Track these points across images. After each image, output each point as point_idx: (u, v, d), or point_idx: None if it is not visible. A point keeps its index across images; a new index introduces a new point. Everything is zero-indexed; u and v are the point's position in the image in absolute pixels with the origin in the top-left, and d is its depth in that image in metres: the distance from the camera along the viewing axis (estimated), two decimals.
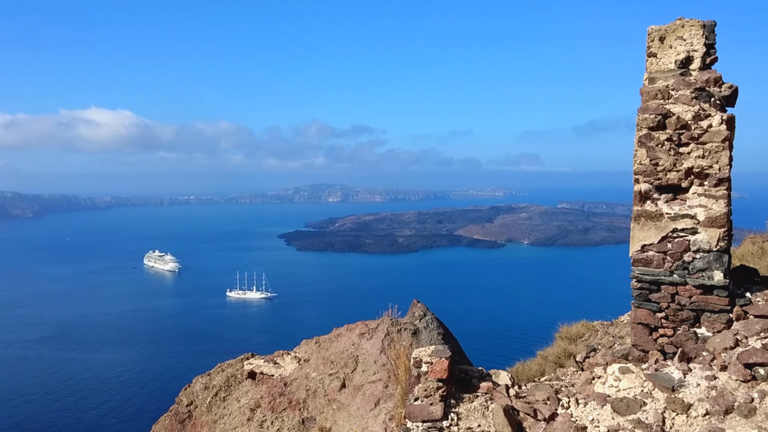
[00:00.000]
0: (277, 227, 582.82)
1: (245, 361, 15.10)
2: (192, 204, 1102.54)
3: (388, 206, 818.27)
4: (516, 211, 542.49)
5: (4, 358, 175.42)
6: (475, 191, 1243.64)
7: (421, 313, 12.25)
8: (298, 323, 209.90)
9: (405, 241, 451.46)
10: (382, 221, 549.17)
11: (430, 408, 8.57)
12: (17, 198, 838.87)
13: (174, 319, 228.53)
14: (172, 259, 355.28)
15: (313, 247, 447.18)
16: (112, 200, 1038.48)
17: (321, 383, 12.21)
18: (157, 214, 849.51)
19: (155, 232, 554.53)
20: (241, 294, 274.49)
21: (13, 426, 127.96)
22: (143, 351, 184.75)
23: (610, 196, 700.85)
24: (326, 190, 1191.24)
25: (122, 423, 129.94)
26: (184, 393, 15.73)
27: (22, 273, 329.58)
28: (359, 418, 10.34)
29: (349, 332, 13.20)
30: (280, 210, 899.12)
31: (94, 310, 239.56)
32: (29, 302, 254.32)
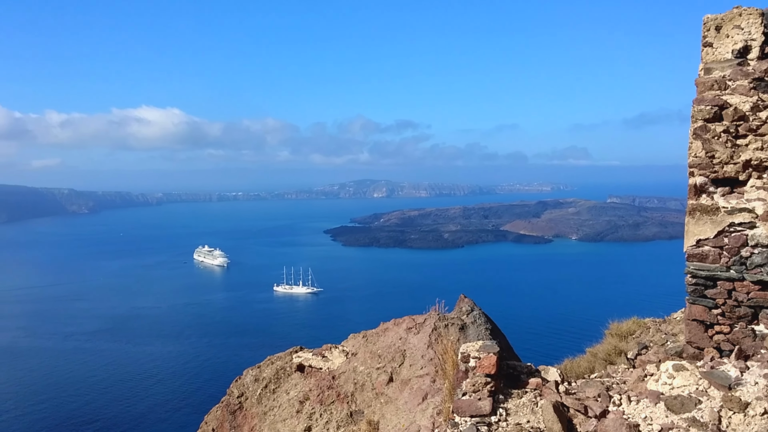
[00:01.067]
0: (323, 223, 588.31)
1: (294, 354, 15.34)
2: (240, 200, 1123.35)
3: (433, 201, 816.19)
4: (564, 206, 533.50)
5: (62, 350, 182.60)
6: (522, 186, 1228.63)
7: (469, 308, 12.21)
8: (344, 318, 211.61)
9: (450, 237, 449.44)
10: (427, 216, 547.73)
11: (479, 403, 8.56)
12: (73, 195, 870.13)
13: (223, 312, 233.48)
14: (221, 254, 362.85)
15: (359, 243, 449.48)
16: (163, 196, 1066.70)
17: (368, 377, 12.32)
18: (207, 210, 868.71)
19: (205, 227, 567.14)
20: (288, 289, 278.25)
21: (70, 416, 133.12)
22: (193, 344, 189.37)
23: (661, 191, 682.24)
24: (371, 186, 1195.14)
25: (174, 414, 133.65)
26: (235, 385, 16.10)
27: (79, 267, 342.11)
28: (407, 412, 10.40)
29: (396, 327, 13.26)
30: (325, 205, 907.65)
31: (146, 303, 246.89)
32: (85, 296, 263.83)
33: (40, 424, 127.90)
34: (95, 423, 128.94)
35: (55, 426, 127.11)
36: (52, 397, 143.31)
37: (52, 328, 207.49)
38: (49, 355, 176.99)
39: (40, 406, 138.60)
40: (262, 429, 13.98)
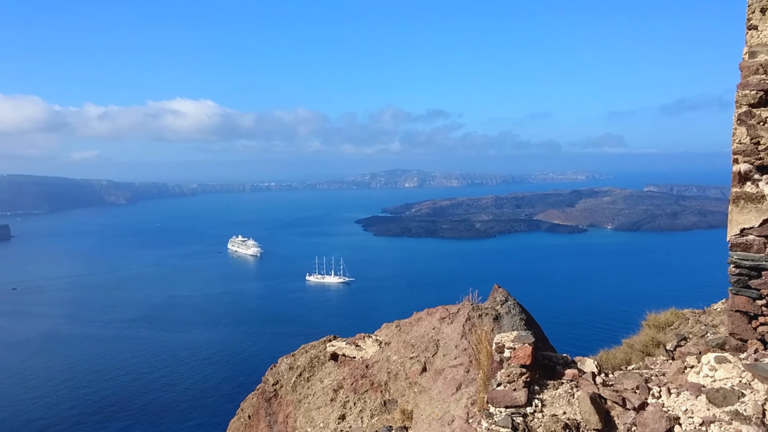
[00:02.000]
0: (355, 213, 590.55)
1: (328, 343, 15.44)
2: (273, 190, 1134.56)
3: (464, 191, 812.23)
4: (599, 194, 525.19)
5: (102, 337, 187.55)
6: (556, 175, 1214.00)
7: (503, 299, 12.10)
8: (376, 308, 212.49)
9: (482, 226, 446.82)
10: (458, 206, 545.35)
11: (514, 394, 8.49)
12: (112, 186, 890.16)
13: (256, 301, 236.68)
14: (255, 244, 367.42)
15: (390, 233, 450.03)
16: (198, 187, 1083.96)
17: (402, 366, 12.32)
18: (240, 201, 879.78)
19: (238, 217, 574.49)
20: (320, 278, 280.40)
21: (109, 401, 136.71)
22: (228, 332, 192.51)
23: (701, 179, 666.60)
24: (402, 176, 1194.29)
25: (210, 400, 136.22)
26: (270, 373, 16.28)
27: (118, 257, 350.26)
28: (441, 401, 10.38)
29: (429, 316, 13.22)
30: (357, 195, 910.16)
31: (182, 292, 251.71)
32: (124, 284, 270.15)
33: (80, 409, 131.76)
34: (132, 408, 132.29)
35: (95, 411, 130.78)
36: (92, 383, 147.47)
37: (92, 316, 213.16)
38: (89, 342, 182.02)
39: (80, 391, 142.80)
40: (296, 416, 14.13)
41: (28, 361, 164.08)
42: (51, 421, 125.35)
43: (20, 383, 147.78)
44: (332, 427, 12.64)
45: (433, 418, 10.06)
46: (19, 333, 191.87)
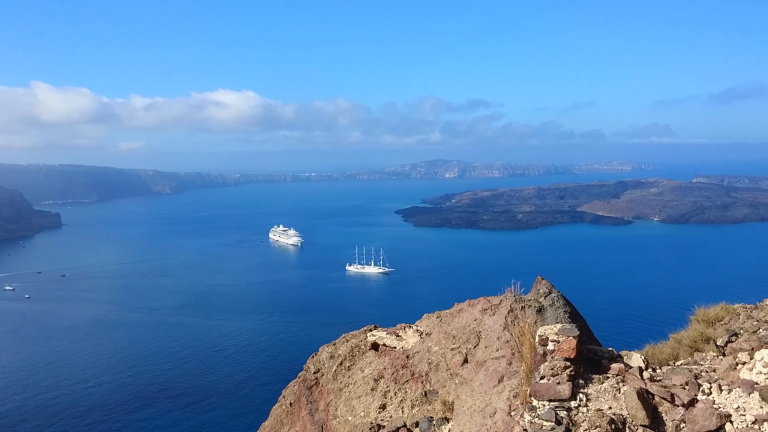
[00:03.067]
0: (395, 203, 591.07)
1: (368, 333, 15.48)
2: (313, 180, 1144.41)
3: (506, 182, 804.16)
4: (645, 186, 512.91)
5: (148, 324, 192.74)
6: (600, 165, 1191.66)
7: (546, 291, 11.90)
8: (416, 298, 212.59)
9: (524, 218, 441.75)
10: (500, 197, 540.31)
11: (557, 387, 8.35)
12: (157, 176, 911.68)
13: (297, 290, 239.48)
14: (295, 233, 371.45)
15: (430, 223, 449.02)
16: (240, 177, 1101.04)
17: (443, 357, 12.27)
18: (281, 191, 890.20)
19: (279, 207, 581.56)
20: (360, 268, 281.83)
21: (153, 386, 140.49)
22: (269, 320, 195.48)
23: (753, 170, 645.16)
24: (443, 166, 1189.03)
25: (250, 387, 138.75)
26: (311, 361, 16.44)
27: (163, 245, 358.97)
28: (482, 393, 10.29)
29: (470, 308, 13.11)
30: (397, 186, 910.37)
31: (225, 280, 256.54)
32: (169, 272, 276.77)
33: (124, 391, 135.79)
34: (175, 393, 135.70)
35: (139, 394, 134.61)
36: (138, 368, 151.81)
37: (138, 302, 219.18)
38: (135, 328, 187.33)
39: (127, 375, 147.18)
40: (337, 405, 14.24)
41: (78, 346, 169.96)
42: (96, 402, 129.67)
43: (69, 366, 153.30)
44: (373, 416, 12.68)
45: (475, 410, 9.99)
46: (69, 318, 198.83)
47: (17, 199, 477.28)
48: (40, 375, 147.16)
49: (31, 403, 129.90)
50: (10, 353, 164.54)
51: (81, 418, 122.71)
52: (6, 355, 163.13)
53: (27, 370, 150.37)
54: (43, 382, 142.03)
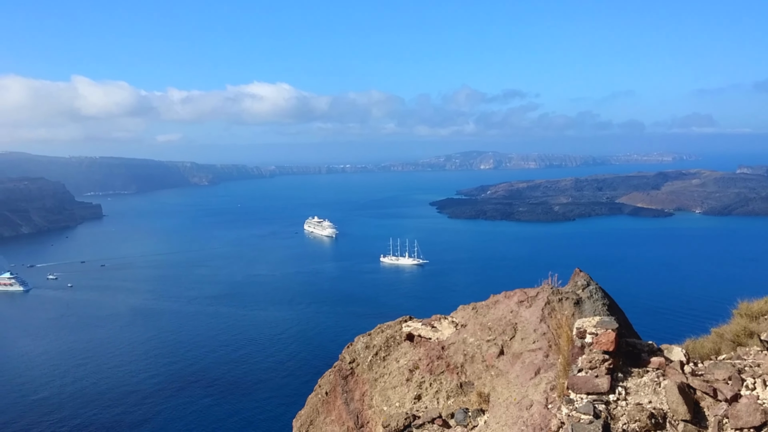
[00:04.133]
0: (429, 195, 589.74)
1: (403, 324, 15.52)
2: (347, 172, 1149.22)
3: (542, 173, 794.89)
4: (687, 177, 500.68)
5: (186, 313, 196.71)
6: (640, 156, 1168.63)
7: (584, 283, 11.73)
8: (450, 290, 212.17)
9: (561, 209, 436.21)
10: (536, 188, 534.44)
11: (596, 380, 8.24)
12: (195, 168, 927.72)
13: (332, 282, 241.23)
14: (330, 225, 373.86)
15: (465, 215, 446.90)
16: (275, 169, 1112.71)
17: (479, 349, 12.22)
18: (316, 182, 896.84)
19: (314, 199, 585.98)
20: (394, 260, 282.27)
21: (191, 375, 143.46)
22: (304, 310, 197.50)
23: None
24: (478, 157, 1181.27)
25: (284, 376, 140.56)
26: (346, 351, 16.57)
27: (201, 236, 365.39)
28: (518, 386, 10.23)
29: (507, 299, 13.02)
30: (431, 178, 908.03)
31: (261, 271, 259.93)
32: (207, 262, 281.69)
33: (162, 379, 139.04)
34: (212, 381, 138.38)
35: (178, 382, 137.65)
36: (176, 356, 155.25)
37: (177, 292, 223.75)
38: (175, 317, 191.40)
39: (165, 362, 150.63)
40: (373, 395, 14.33)
41: (118, 334, 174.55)
42: (143, 392, 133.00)
43: (110, 354, 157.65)
44: (408, 406, 12.72)
45: (511, 402, 9.94)
46: (110, 307, 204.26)
47: (60, 191, 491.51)
48: (83, 361, 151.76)
49: (73, 388, 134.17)
50: (55, 340, 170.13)
51: (120, 403, 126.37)
52: (50, 342, 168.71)
53: (70, 357, 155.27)
54: (84, 369, 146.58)
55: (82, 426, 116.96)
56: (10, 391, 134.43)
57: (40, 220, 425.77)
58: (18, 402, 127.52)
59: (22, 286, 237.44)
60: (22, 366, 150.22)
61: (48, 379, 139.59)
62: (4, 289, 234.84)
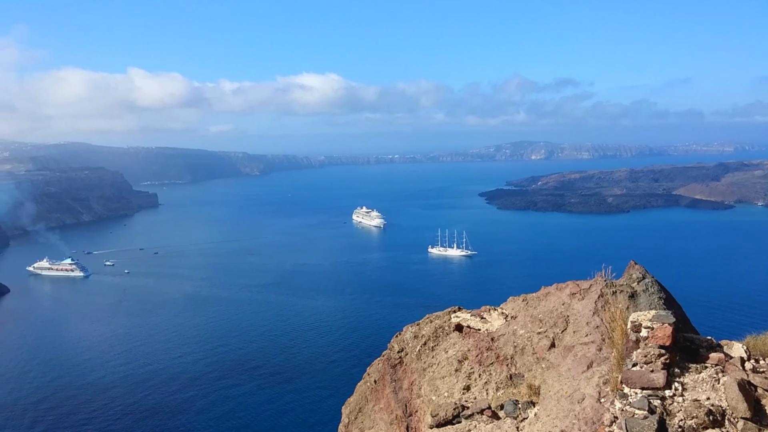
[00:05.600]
0: (478, 185, 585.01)
1: (452, 314, 15.48)
2: (396, 162, 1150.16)
3: (595, 163, 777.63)
4: (749, 168, 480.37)
5: (238, 300, 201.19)
6: (699, 146, 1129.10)
7: (640, 276, 11.44)
8: (499, 281, 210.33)
9: (614, 201, 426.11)
10: (588, 179, 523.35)
11: (651, 375, 8.06)
12: (246, 158, 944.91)
13: (380, 272, 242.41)
14: (378, 215, 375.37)
15: (514, 206, 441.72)
16: (325, 159, 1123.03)
17: (529, 341, 12.10)
18: (365, 173, 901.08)
19: (363, 189, 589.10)
20: (443, 251, 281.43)
21: (241, 360, 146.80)
22: (352, 300, 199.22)
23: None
24: (529, 148, 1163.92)
25: (333, 364, 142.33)
26: (395, 340, 16.66)
27: (252, 225, 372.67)
28: (570, 379, 10.09)
29: (558, 291, 12.83)
30: (480, 168, 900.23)
31: (310, 260, 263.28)
32: (258, 251, 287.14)
33: (214, 364, 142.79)
34: (262, 368, 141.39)
35: (228, 367, 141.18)
36: (227, 342, 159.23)
37: (229, 279, 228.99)
38: (226, 304, 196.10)
39: (217, 348, 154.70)
40: (421, 384, 14.38)
41: (173, 320, 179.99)
42: (192, 375, 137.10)
43: (164, 338, 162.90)
44: (457, 396, 12.72)
45: (562, 395, 9.82)
46: (165, 293, 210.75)
47: (119, 180, 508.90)
48: (138, 345, 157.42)
49: (132, 372, 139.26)
50: (112, 324, 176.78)
51: (174, 386, 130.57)
52: (108, 326, 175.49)
53: (126, 341, 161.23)
54: (139, 352, 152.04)
55: (136, 405, 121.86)
56: (71, 371, 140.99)
57: (100, 208, 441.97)
58: (78, 381, 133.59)
59: (82, 272, 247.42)
60: (82, 348, 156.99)
61: (111, 363, 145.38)
62: (66, 274, 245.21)
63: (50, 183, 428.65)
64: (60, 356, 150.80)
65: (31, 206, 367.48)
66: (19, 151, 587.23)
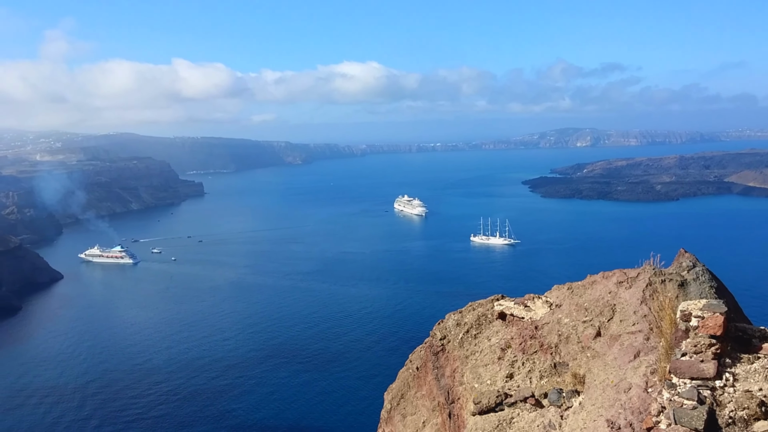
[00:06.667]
0: (521, 173, 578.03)
1: (495, 302, 15.40)
2: (438, 151, 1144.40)
3: (643, 150, 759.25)
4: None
5: (281, 287, 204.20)
6: (753, 132, 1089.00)
7: (690, 264, 11.15)
8: (542, 271, 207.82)
9: (663, 189, 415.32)
10: (636, 167, 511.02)
11: (701, 365, 7.88)
12: (288, 147, 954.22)
13: (421, 260, 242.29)
14: (420, 203, 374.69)
15: (559, 194, 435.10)
16: (367, 148, 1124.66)
17: (574, 329, 11.95)
18: (406, 161, 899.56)
19: (404, 177, 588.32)
20: (485, 239, 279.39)
21: (284, 347, 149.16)
22: (394, 288, 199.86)
23: None
24: (574, 135, 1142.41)
25: (376, 352, 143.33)
26: (437, 327, 16.68)
27: (295, 213, 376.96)
28: (616, 368, 9.94)
29: (605, 280, 12.62)
30: (524, 156, 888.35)
31: (352, 248, 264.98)
32: (300, 239, 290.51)
33: (258, 351, 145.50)
34: (304, 354, 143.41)
35: (272, 354, 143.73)
36: (272, 329, 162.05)
37: (273, 267, 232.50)
38: (269, 291, 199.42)
39: (261, 335, 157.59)
40: (463, 372, 14.38)
41: (219, 306, 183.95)
42: (233, 360, 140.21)
43: (211, 325, 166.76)
44: (500, 384, 12.68)
45: (608, 385, 9.69)
46: (211, 280, 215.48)
47: (166, 170, 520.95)
48: (185, 331, 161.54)
49: (176, 356, 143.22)
50: (162, 311, 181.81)
51: (215, 370, 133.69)
52: (158, 312, 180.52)
53: (173, 326, 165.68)
54: (186, 338, 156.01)
55: (179, 388, 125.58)
56: (119, 354, 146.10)
57: (148, 197, 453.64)
58: (124, 364, 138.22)
59: (131, 259, 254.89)
60: (130, 333, 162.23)
61: (160, 347, 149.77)
62: (116, 261, 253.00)
63: (100, 173, 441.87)
64: (108, 340, 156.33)
65: (81, 195, 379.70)
66: (71, 142, 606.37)
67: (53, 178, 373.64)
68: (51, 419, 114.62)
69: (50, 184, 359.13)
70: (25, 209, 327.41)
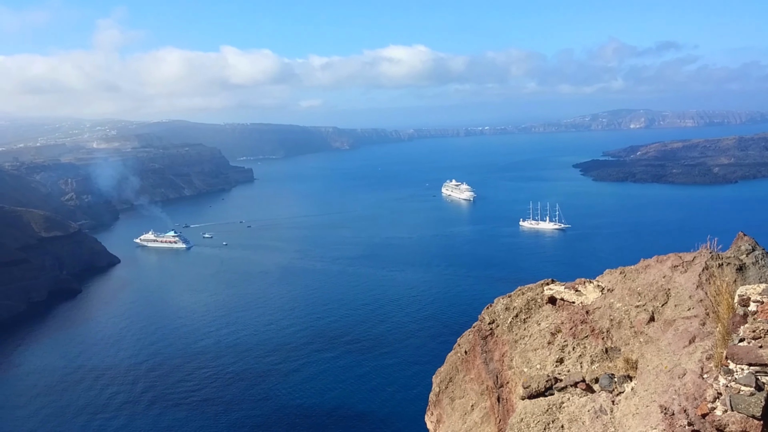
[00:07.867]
0: (572, 156, 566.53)
1: (545, 287, 15.24)
2: (486, 134, 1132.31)
3: (700, 132, 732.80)
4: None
5: (330, 272, 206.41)
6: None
7: (749, 248, 10.78)
8: (593, 256, 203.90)
9: (721, 171, 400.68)
10: (692, 148, 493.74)
11: (760, 351, 7.65)
12: (336, 132, 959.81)
13: (469, 245, 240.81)
14: (468, 188, 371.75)
15: (611, 177, 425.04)
16: (414, 132, 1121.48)
17: (626, 314, 11.73)
18: (454, 145, 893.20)
19: (452, 162, 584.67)
20: (534, 224, 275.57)
21: (332, 331, 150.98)
22: (442, 273, 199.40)
23: None
24: (627, 116, 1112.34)
25: (424, 336, 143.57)
26: (486, 312, 16.62)
27: (343, 198, 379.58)
28: (670, 354, 9.74)
29: (659, 264, 12.32)
30: (575, 138, 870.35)
31: (399, 233, 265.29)
32: (348, 224, 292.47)
33: (306, 334, 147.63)
34: (350, 337, 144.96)
35: (319, 338, 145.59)
36: (320, 313, 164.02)
37: (321, 252, 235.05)
38: (318, 276, 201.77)
39: (309, 318, 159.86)
40: (512, 356, 14.31)
41: (268, 290, 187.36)
42: (279, 342, 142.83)
43: (261, 308, 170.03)
44: (549, 369, 12.58)
45: (661, 370, 9.51)
46: (261, 264, 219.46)
47: (217, 156, 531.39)
48: (234, 314, 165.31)
49: (225, 338, 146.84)
50: (213, 294, 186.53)
51: (267, 355, 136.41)
52: (209, 295, 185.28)
53: (226, 310, 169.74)
54: (235, 320, 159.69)
55: (227, 369, 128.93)
56: (171, 335, 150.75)
57: (200, 183, 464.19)
58: (184, 349, 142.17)
59: (184, 244, 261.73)
60: (182, 315, 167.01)
61: (210, 329, 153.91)
62: (170, 246, 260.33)
63: (154, 159, 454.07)
64: (161, 322, 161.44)
65: (136, 181, 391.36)
66: (125, 130, 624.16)
67: (109, 165, 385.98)
68: (106, 396, 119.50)
69: (106, 170, 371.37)
70: (83, 195, 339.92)
